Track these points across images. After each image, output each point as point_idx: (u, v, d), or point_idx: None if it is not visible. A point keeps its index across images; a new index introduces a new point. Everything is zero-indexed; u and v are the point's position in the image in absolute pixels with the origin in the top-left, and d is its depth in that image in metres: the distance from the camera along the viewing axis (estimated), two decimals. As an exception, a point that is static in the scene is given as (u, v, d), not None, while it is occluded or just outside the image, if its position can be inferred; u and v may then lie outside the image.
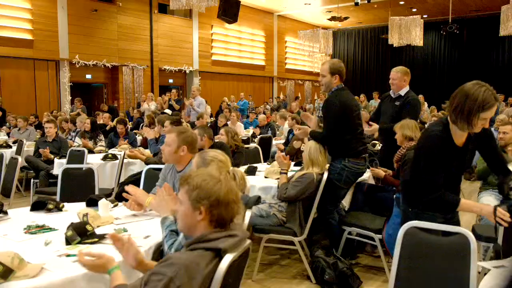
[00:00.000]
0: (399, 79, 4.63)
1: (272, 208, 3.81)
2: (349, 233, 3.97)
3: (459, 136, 2.43)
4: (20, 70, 12.84)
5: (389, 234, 3.07)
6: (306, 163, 3.92)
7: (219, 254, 1.70)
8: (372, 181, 4.72)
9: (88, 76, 14.50)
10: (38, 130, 9.23)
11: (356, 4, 15.65)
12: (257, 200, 3.00)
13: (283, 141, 7.83)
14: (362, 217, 4.08)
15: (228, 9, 13.56)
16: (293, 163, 5.31)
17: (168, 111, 11.04)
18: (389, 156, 4.22)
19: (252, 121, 11.42)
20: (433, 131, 2.46)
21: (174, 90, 13.69)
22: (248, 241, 1.95)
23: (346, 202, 4.51)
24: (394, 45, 16.09)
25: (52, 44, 13.35)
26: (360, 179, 4.26)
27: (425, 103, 13.42)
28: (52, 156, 6.40)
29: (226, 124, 8.54)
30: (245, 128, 10.36)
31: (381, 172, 4.27)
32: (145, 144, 6.95)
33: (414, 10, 18.62)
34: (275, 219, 3.77)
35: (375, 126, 4.68)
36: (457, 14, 17.69)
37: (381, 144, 4.93)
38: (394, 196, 3.70)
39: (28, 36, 12.84)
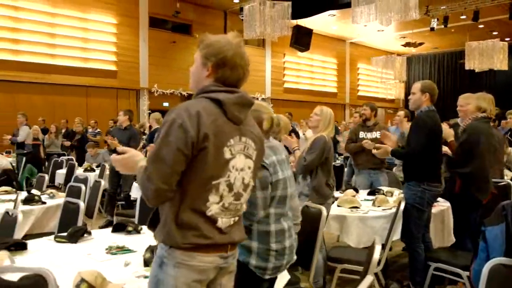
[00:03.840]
0: (467, 106, 4.51)
1: None
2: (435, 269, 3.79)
3: None
4: (104, 99, 13.71)
5: (475, 270, 2.87)
6: (320, 128, 3.95)
7: (219, 105, 1.77)
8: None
9: (166, 104, 15.15)
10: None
11: (432, 29, 15.20)
12: None
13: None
14: (447, 251, 3.90)
15: (301, 37, 13.75)
16: (366, 191, 5.17)
17: None
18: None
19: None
20: None
21: None
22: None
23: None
24: (476, 70, 15.39)
25: (134, 74, 14.17)
26: None
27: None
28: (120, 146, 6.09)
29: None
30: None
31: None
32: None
33: (494, 33, 17.78)
34: None
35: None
36: (543, 36, 16.70)
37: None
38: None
39: (113, 67, 13.74)
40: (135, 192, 6.27)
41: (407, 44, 18.73)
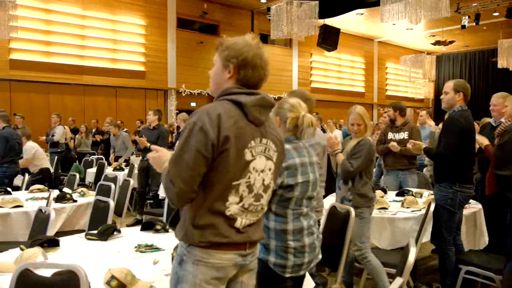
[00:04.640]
0: (501, 105, 4.37)
1: None
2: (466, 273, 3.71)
3: None
4: (132, 99, 13.93)
5: (507, 274, 2.80)
6: (361, 131, 3.72)
7: (240, 107, 1.78)
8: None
9: (193, 104, 15.28)
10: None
11: (463, 27, 14.84)
12: None
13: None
14: (479, 255, 3.81)
15: (328, 37, 13.66)
16: (394, 192, 5.10)
17: None
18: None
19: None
20: None
21: None
22: None
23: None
24: (509, 69, 14.99)
25: (162, 74, 14.35)
26: None
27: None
28: (149, 144, 6.39)
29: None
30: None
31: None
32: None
33: (529, 30, 17.29)
34: None
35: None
36: None
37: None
38: None
39: (141, 68, 13.94)
40: (163, 191, 6.34)
41: (437, 43, 18.33)
